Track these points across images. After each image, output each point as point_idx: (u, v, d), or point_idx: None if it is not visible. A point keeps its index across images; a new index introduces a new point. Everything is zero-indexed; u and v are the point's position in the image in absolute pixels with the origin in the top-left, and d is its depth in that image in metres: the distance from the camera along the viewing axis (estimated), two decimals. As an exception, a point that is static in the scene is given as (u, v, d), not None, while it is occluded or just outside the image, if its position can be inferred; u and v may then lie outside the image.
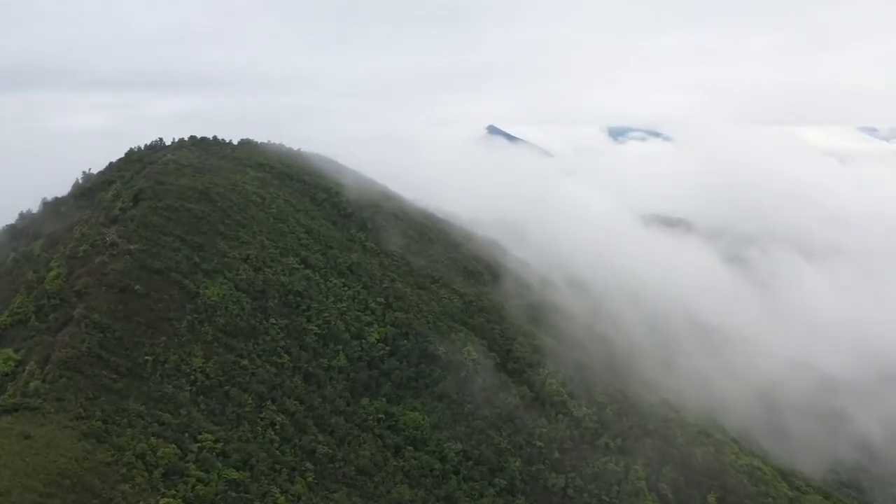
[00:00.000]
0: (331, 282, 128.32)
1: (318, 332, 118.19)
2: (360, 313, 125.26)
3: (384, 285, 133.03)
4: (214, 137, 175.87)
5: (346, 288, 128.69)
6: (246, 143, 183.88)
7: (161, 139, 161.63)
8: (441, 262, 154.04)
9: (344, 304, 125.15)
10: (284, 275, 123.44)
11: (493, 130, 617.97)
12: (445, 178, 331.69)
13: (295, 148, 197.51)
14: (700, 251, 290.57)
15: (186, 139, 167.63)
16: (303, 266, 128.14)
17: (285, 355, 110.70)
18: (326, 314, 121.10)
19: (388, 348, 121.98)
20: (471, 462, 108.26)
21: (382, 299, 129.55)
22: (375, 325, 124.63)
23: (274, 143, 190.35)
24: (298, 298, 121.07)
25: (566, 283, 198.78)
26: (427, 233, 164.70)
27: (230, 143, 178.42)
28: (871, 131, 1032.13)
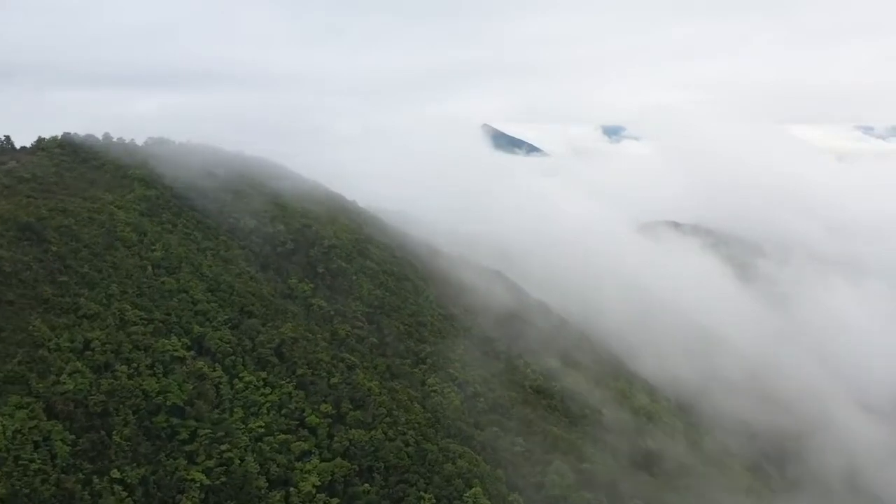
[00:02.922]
0: (241, 380, 75.67)
1: (208, 483, 65.66)
2: (288, 436, 72.73)
3: (334, 379, 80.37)
4: (106, 135, 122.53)
5: (267, 390, 76.01)
6: (157, 144, 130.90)
7: (7, 137, 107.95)
8: (429, 324, 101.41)
9: (261, 423, 72.55)
10: (154, 374, 70.67)
11: (488, 130, 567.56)
12: (438, 184, 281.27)
13: (233, 149, 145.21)
14: (716, 267, 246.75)
15: (60, 136, 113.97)
16: (193, 353, 75.40)
17: (131, 548, 58.11)
18: (227, 445, 68.55)
19: (335, 502, 69.62)
20: None
21: (330, 406, 76.95)
22: (315, 458, 72.20)
23: (197, 144, 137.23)
24: (175, 420, 68.44)
25: (587, 334, 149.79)
26: (409, 276, 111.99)
27: (130, 143, 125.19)
28: (867, 129, 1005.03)
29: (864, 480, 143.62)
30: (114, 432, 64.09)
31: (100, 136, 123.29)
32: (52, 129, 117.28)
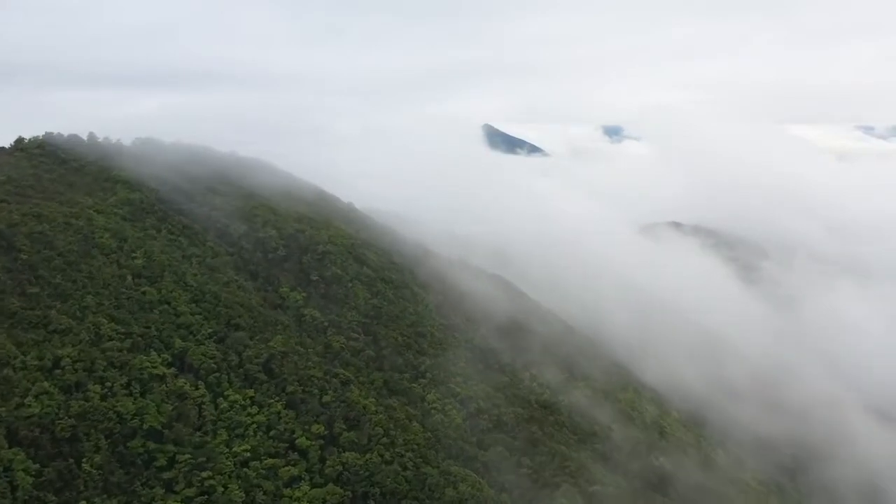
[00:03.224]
0: (226, 399, 70.06)
1: (188, 514, 60.07)
2: (277, 461, 67.10)
3: (326, 397, 74.79)
4: (91, 135, 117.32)
5: (253, 409, 70.42)
6: (145, 144, 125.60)
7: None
8: (429, 335, 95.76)
9: (247, 446, 66.93)
10: (130, 394, 65.11)
11: (489, 130, 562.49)
12: (438, 185, 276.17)
13: (230, 149, 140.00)
14: (720, 269, 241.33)
15: (41, 136, 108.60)
16: (174, 370, 69.79)
17: (99, 592, 52.52)
18: (209, 472, 62.97)
19: (327, 533, 64.04)
20: None
21: (322, 426, 71.32)
22: (306, 484, 66.59)
23: (189, 145, 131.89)
24: (153, 445, 62.83)
25: (591, 341, 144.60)
26: (407, 283, 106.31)
27: (116, 143, 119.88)
28: (868, 129, 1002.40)
29: (879, 489, 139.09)
30: (83, 460, 58.48)
31: (98, 135, 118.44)
32: (48, 130, 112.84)
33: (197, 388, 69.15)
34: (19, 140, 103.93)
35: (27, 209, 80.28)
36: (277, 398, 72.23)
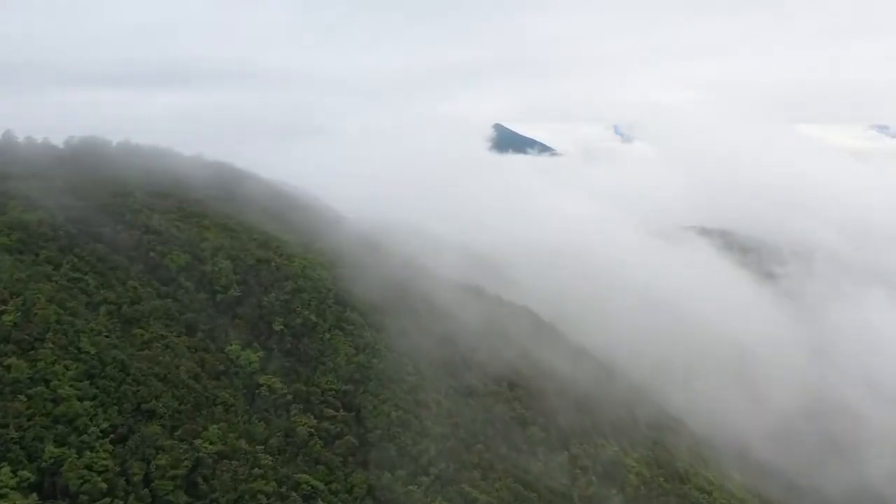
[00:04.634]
0: (116, 544, 44.81)
1: None
2: None
3: (280, 527, 49.38)
4: (7, 133, 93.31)
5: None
6: (84, 145, 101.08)
7: None
8: (435, 405, 70.35)
9: None
10: None
11: (499, 129, 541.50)
12: (444, 191, 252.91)
13: (187, 152, 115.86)
14: (743, 278, 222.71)
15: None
16: (35, 499, 44.59)
17: None
18: None
19: None
20: None
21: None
22: None
23: (144, 146, 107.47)
24: None
25: (631, 382, 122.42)
26: (407, 328, 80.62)
27: (43, 143, 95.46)
28: (882, 129, 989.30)
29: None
30: None
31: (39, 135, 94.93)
32: (47, 130, 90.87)
33: (67, 530, 44.06)
34: None
35: None
36: (201, 535, 47.06)
